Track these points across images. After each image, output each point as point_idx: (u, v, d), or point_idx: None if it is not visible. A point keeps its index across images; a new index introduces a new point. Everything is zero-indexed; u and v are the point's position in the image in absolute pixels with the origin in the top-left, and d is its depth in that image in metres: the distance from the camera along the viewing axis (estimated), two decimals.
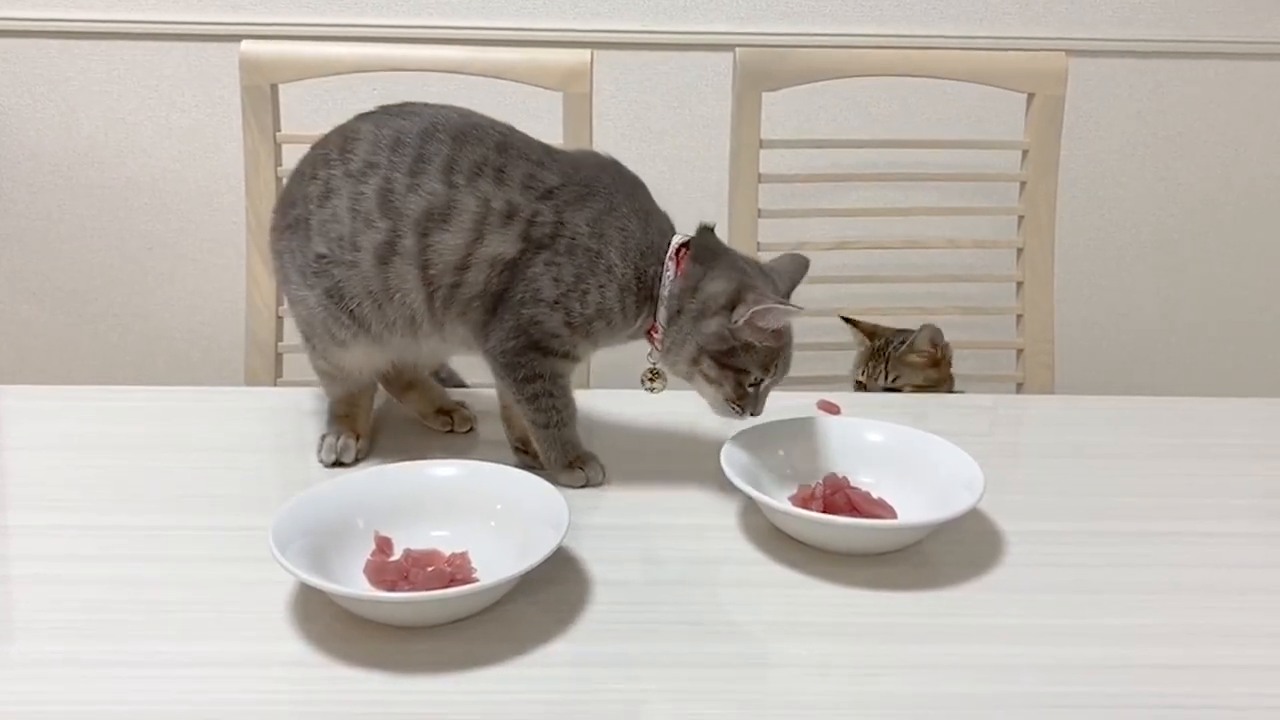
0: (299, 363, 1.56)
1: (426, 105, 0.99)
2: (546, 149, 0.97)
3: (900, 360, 1.57)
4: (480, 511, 0.86)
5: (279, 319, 1.50)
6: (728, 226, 1.50)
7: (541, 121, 1.18)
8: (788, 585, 0.84)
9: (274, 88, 1.47)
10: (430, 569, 0.80)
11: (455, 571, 0.80)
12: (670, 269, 0.95)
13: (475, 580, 0.80)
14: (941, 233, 1.65)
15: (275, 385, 1.49)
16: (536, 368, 0.96)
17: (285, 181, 1.06)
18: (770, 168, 1.52)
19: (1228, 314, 2.16)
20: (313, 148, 1.01)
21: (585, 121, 1.47)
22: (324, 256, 0.96)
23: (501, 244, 0.93)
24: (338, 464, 1.01)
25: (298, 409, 1.16)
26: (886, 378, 1.57)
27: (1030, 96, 1.53)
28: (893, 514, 0.90)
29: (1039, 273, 1.56)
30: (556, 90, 1.46)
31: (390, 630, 0.76)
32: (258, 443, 1.11)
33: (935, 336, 1.56)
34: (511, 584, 0.77)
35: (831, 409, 1.17)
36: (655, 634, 0.77)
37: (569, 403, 0.99)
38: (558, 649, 0.75)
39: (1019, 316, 1.57)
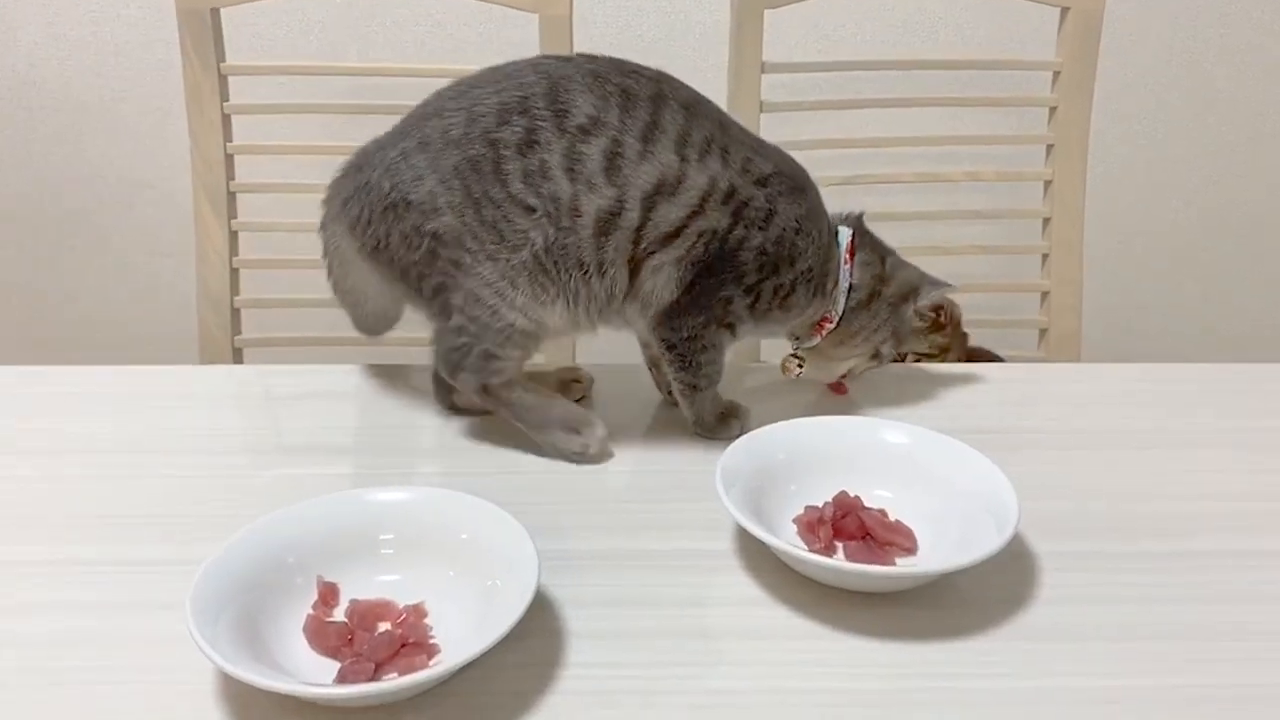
0: (260, 319, 1.44)
1: (612, 59, 0.91)
2: (746, 132, 0.95)
3: None
4: (437, 549, 0.75)
5: (234, 270, 1.37)
6: None
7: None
8: (792, 635, 0.73)
9: (215, 13, 1.31)
10: (379, 631, 0.69)
11: (408, 634, 0.69)
12: (845, 262, 0.96)
13: (431, 642, 0.69)
14: (961, 164, 1.50)
15: (233, 346, 1.37)
16: (713, 339, 0.94)
17: (410, 124, 0.91)
18: (773, 94, 1.37)
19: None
20: (476, 84, 0.89)
21: (565, 40, 1.31)
22: (534, 210, 0.86)
23: (717, 219, 0.90)
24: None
25: (267, 394, 1.03)
26: None
27: (1064, 10, 1.36)
28: (912, 540, 0.79)
29: (1068, 207, 1.42)
30: (531, 12, 1.30)
31: (333, 710, 0.65)
32: (216, 441, 0.96)
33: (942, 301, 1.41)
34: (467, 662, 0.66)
35: (839, 389, 1.05)
36: (636, 711, 0.66)
37: (723, 365, 0.97)
38: None
39: (1044, 256, 1.44)
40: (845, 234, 0.98)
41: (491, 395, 0.93)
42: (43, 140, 1.86)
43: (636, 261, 0.90)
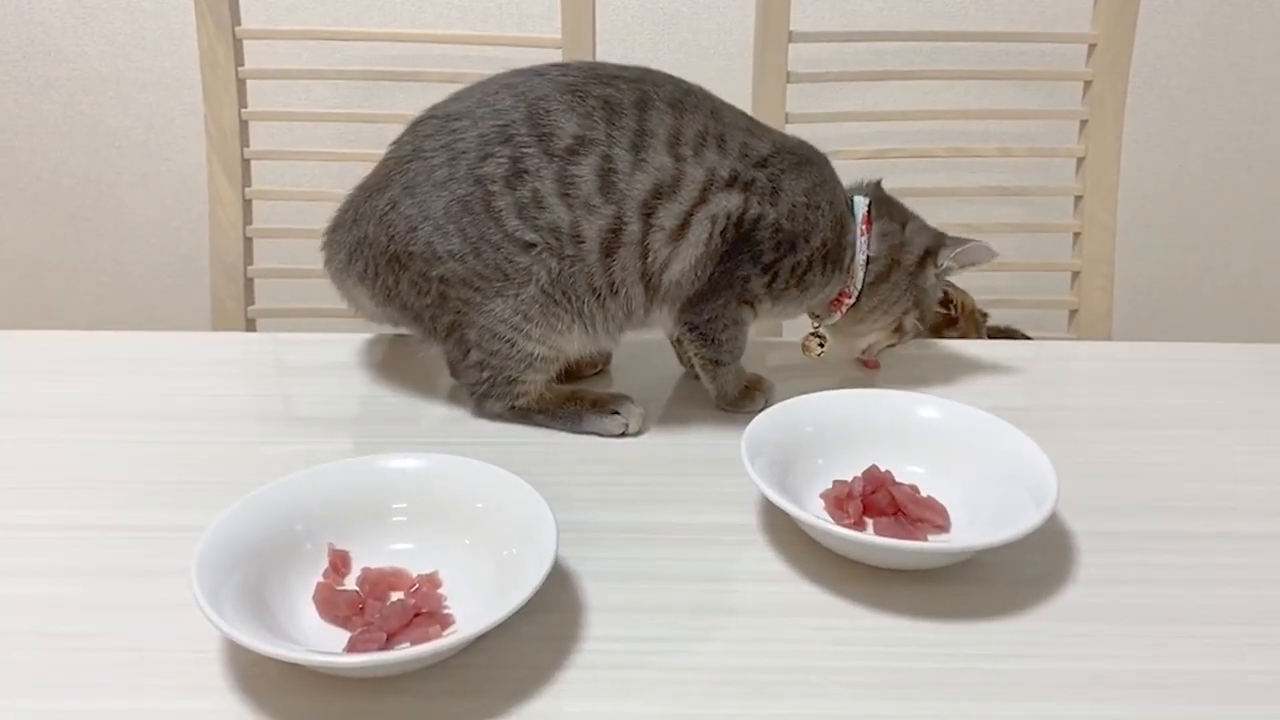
0: (274, 289, 1.42)
1: (587, 65, 0.89)
2: (743, 115, 0.93)
3: None
4: (453, 517, 0.72)
5: (247, 239, 1.35)
6: None
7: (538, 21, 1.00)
8: (817, 612, 0.70)
9: None
10: (390, 601, 0.67)
11: (420, 603, 0.66)
12: (862, 234, 0.93)
13: (445, 612, 0.67)
14: (992, 140, 1.46)
15: (246, 316, 1.35)
16: (734, 316, 0.92)
17: (391, 167, 0.89)
18: (800, 65, 1.33)
19: None
20: (451, 115, 0.87)
21: (587, 8, 1.28)
22: (534, 245, 0.84)
23: (726, 201, 0.87)
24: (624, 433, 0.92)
25: (279, 362, 1.01)
26: None
27: None
28: (944, 517, 0.76)
29: (1101, 184, 1.38)
30: None
31: (342, 681, 0.63)
32: (226, 408, 0.94)
33: (949, 291, 1.36)
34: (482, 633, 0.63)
35: (870, 363, 1.02)
36: (656, 688, 0.64)
37: (746, 340, 0.95)
38: (538, 709, 0.62)
39: (1076, 234, 1.40)
40: (861, 204, 0.95)
41: (520, 413, 0.92)
42: (58, 109, 1.84)
43: (650, 275, 0.87)
